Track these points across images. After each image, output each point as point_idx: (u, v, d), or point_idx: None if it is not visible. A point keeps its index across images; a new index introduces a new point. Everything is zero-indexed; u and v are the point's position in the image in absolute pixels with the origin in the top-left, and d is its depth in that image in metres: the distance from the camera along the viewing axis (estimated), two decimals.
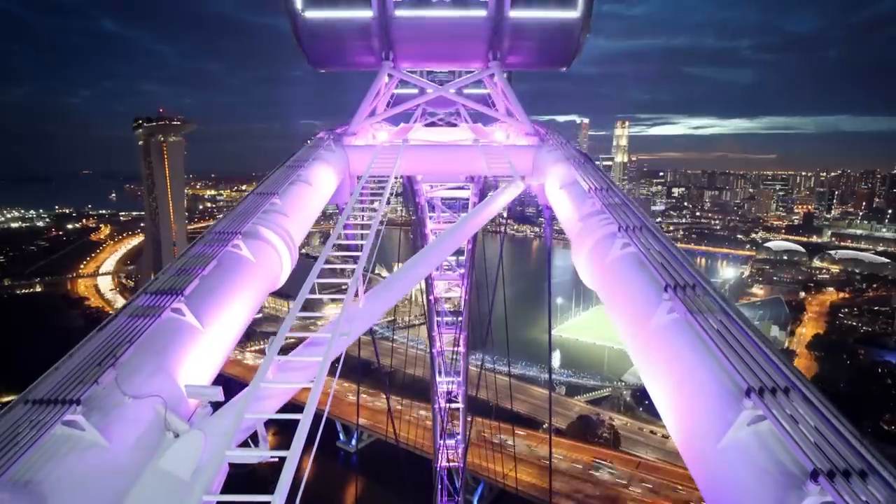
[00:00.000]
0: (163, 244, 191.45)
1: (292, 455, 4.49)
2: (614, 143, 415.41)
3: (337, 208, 15.42)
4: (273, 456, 4.96)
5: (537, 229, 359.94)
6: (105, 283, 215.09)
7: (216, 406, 5.79)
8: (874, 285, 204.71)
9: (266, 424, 5.61)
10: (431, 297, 42.69)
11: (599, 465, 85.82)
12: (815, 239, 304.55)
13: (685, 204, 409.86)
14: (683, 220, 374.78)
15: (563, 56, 17.10)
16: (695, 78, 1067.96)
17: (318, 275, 7.65)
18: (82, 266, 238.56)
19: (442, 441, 47.19)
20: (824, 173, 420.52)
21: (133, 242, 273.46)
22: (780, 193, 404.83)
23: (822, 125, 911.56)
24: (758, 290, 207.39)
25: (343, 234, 9.52)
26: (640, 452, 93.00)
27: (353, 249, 8.80)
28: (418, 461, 78.28)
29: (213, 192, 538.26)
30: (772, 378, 5.13)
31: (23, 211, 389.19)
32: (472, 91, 19.09)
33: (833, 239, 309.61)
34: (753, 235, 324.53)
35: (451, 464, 50.38)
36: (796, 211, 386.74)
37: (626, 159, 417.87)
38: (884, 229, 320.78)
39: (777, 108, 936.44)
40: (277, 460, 4.76)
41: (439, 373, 44.93)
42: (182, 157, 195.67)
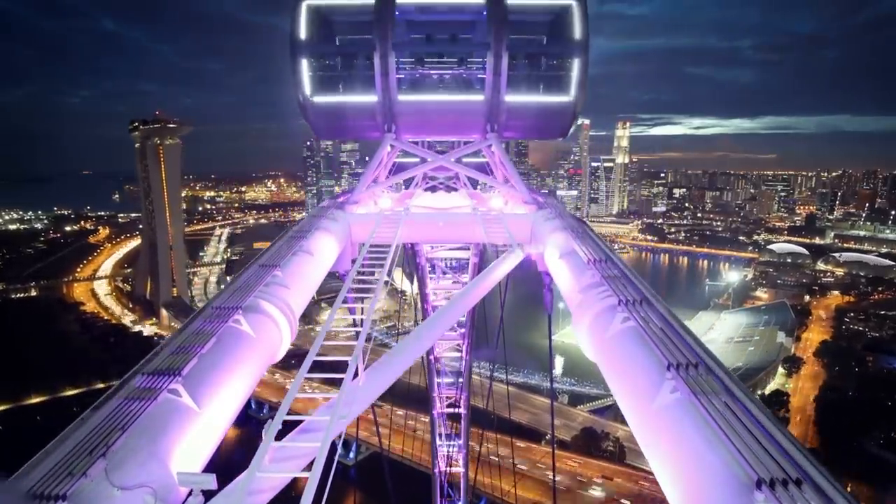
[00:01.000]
0: (159, 248, 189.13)
1: None
2: (615, 143, 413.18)
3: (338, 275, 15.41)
4: None
5: None
6: (102, 287, 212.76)
7: (209, 494, 5.59)
8: (880, 288, 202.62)
9: None
10: (432, 357, 41.42)
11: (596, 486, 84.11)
12: (817, 240, 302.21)
13: (686, 205, 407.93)
14: (685, 222, 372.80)
15: (559, 131, 18.11)
16: (696, 78, 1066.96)
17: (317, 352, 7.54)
18: (79, 269, 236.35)
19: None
20: (825, 173, 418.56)
21: (131, 245, 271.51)
22: (782, 194, 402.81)
23: (822, 125, 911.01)
24: (762, 294, 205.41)
25: (346, 298, 9.53)
26: (646, 466, 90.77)
27: (354, 313, 8.84)
28: (419, 476, 76.19)
29: (212, 193, 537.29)
30: (783, 469, 4.87)
31: (21, 212, 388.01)
32: (470, 160, 19.31)
33: (836, 241, 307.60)
34: (756, 237, 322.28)
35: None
36: (798, 212, 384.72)
37: (627, 160, 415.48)
38: (887, 231, 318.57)
39: (778, 107, 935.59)
40: None
41: (440, 436, 43.93)
42: (179, 159, 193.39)
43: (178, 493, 5.76)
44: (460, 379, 44.17)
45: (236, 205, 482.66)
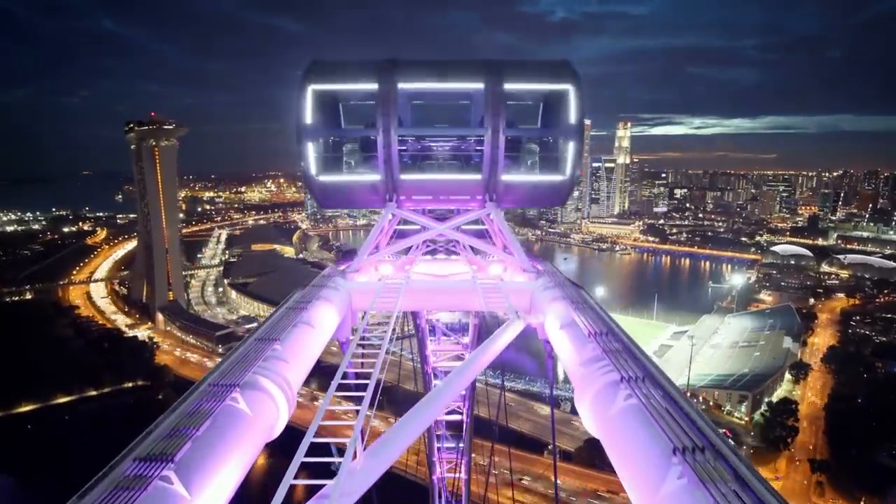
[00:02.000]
0: (154, 250, 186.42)
1: None
2: (616, 144, 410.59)
3: (339, 344, 15.38)
4: None
5: (539, 232, 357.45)
6: (98, 290, 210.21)
7: None
8: (885, 291, 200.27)
9: None
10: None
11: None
12: (820, 242, 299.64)
13: (687, 205, 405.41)
14: (686, 223, 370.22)
15: (556, 201, 19.12)
16: (698, 77, 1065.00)
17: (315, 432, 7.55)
18: (75, 271, 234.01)
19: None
20: (826, 174, 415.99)
21: (129, 246, 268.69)
22: (784, 195, 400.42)
23: (823, 124, 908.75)
24: (766, 297, 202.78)
25: (346, 373, 9.51)
26: None
27: (354, 390, 8.88)
28: (419, 488, 73.77)
29: (211, 193, 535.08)
30: None
31: (19, 213, 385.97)
32: (470, 227, 19.62)
33: (839, 241, 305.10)
34: (758, 238, 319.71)
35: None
36: (800, 212, 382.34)
37: (627, 160, 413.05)
38: (891, 231, 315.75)
39: (779, 107, 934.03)
40: None
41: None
42: (175, 161, 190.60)
43: None
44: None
45: (235, 205, 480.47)
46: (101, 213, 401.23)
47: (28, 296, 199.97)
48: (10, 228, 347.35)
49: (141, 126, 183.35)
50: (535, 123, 18.77)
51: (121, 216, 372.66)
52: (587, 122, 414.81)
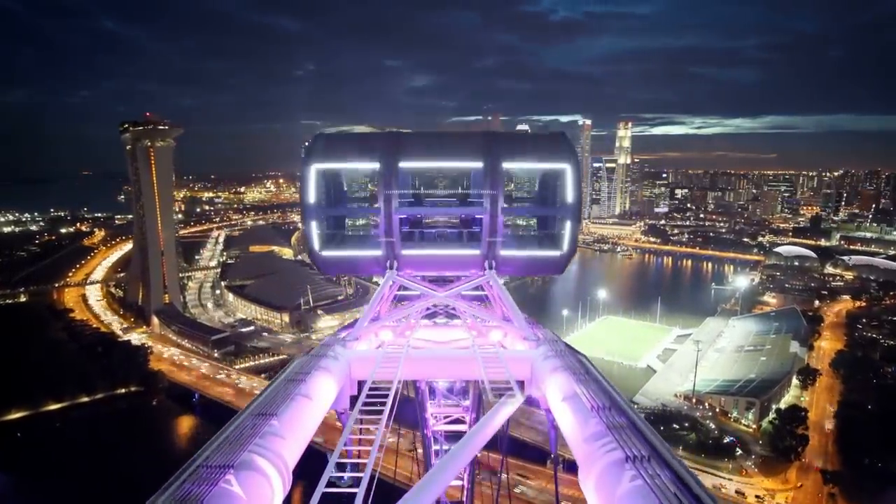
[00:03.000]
0: (150, 253, 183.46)
1: None
2: (617, 143, 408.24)
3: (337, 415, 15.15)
4: None
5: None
6: (93, 293, 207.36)
7: None
8: (891, 293, 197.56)
9: None
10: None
11: None
12: (823, 242, 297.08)
13: (688, 205, 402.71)
14: (687, 223, 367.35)
15: (553, 272, 19.32)
16: (698, 77, 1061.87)
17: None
18: (71, 273, 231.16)
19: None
20: (827, 173, 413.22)
21: (126, 248, 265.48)
22: (785, 195, 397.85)
23: (823, 124, 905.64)
24: (770, 299, 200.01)
25: (344, 450, 9.50)
26: None
27: (353, 471, 8.91)
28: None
29: (211, 194, 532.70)
30: None
31: (17, 214, 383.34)
32: (469, 293, 19.35)
33: (842, 242, 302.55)
34: (760, 238, 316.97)
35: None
36: (802, 212, 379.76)
37: (628, 160, 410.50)
38: (894, 232, 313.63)
39: (779, 107, 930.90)
40: None
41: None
42: (170, 162, 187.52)
43: None
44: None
45: (235, 206, 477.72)
46: (99, 214, 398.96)
47: (22, 298, 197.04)
48: (7, 229, 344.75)
49: (136, 126, 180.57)
50: (532, 190, 19.78)
51: (119, 217, 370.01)
52: (587, 122, 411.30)
